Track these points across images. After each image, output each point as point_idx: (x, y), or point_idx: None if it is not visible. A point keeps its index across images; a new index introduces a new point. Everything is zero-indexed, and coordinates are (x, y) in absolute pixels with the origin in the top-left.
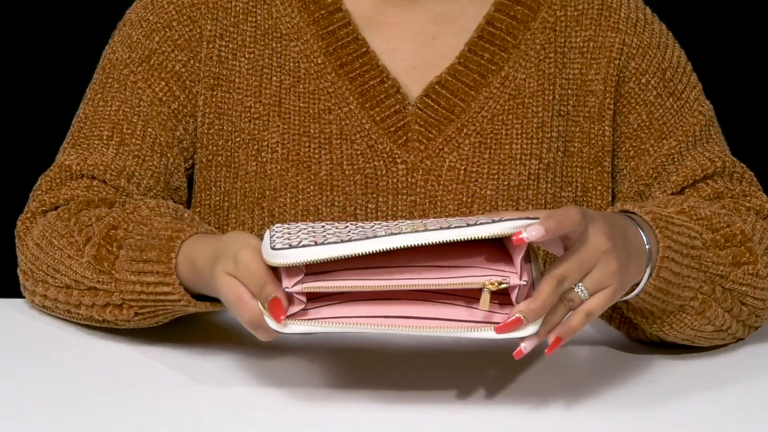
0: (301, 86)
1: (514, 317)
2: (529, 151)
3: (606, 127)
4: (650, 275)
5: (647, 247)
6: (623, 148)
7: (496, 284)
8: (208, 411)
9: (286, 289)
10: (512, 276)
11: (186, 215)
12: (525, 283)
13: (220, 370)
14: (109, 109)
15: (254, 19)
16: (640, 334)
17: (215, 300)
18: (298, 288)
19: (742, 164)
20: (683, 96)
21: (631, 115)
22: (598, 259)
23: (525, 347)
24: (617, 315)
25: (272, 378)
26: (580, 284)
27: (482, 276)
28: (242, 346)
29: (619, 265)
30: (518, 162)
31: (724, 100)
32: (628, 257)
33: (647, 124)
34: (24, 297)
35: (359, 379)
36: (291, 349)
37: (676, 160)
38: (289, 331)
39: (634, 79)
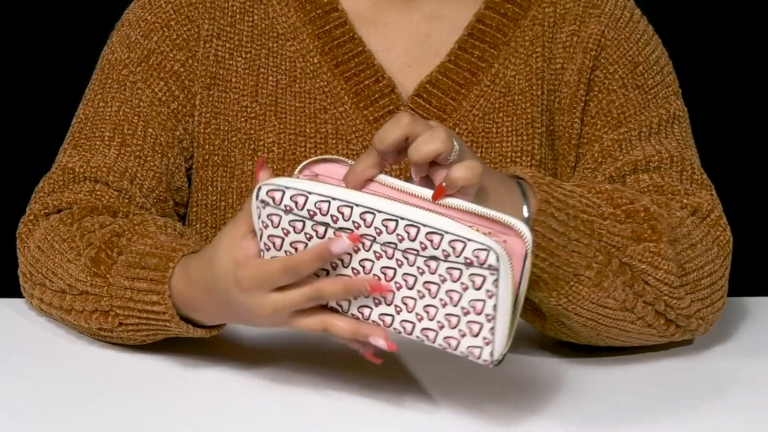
0: (297, 86)
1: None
2: (519, 148)
3: (575, 119)
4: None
5: (524, 207)
6: (581, 135)
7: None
8: (208, 411)
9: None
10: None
11: (192, 239)
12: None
13: (220, 371)
14: (109, 109)
15: (251, 19)
16: (564, 333)
17: (199, 327)
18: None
19: (699, 167)
20: (651, 92)
21: (592, 102)
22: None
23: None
24: (529, 308)
25: (272, 379)
26: None
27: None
28: (242, 347)
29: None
30: (509, 160)
31: (718, 102)
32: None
33: (605, 111)
34: (24, 297)
35: (357, 381)
36: (292, 350)
37: (623, 147)
38: (277, 182)
39: (602, 68)
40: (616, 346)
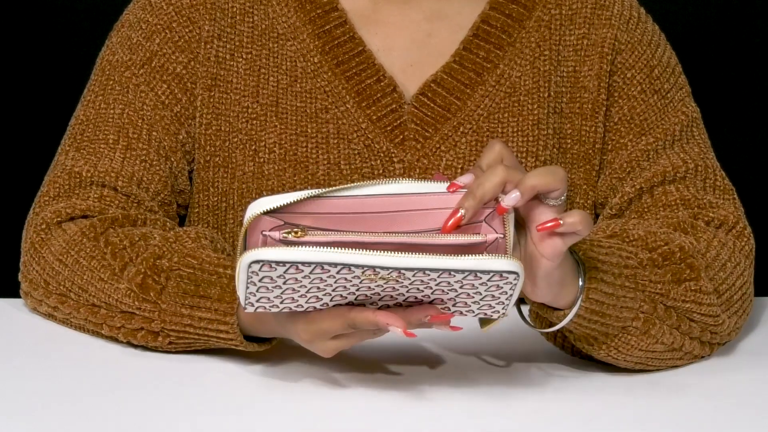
0: (298, 86)
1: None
2: (525, 149)
3: (599, 124)
4: (581, 301)
5: (580, 279)
6: (604, 140)
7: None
8: (208, 411)
9: (263, 233)
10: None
11: (218, 245)
12: (502, 236)
13: (220, 371)
14: (112, 112)
15: (251, 20)
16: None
17: (263, 340)
18: (276, 234)
19: (720, 171)
20: (668, 95)
21: (613, 108)
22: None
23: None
24: (560, 337)
25: (273, 378)
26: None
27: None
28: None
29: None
30: None
31: (715, 102)
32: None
33: (628, 118)
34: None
35: (357, 381)
36: (293, 349)
37: (650, 156)
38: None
39: (619, 72)
40: None
